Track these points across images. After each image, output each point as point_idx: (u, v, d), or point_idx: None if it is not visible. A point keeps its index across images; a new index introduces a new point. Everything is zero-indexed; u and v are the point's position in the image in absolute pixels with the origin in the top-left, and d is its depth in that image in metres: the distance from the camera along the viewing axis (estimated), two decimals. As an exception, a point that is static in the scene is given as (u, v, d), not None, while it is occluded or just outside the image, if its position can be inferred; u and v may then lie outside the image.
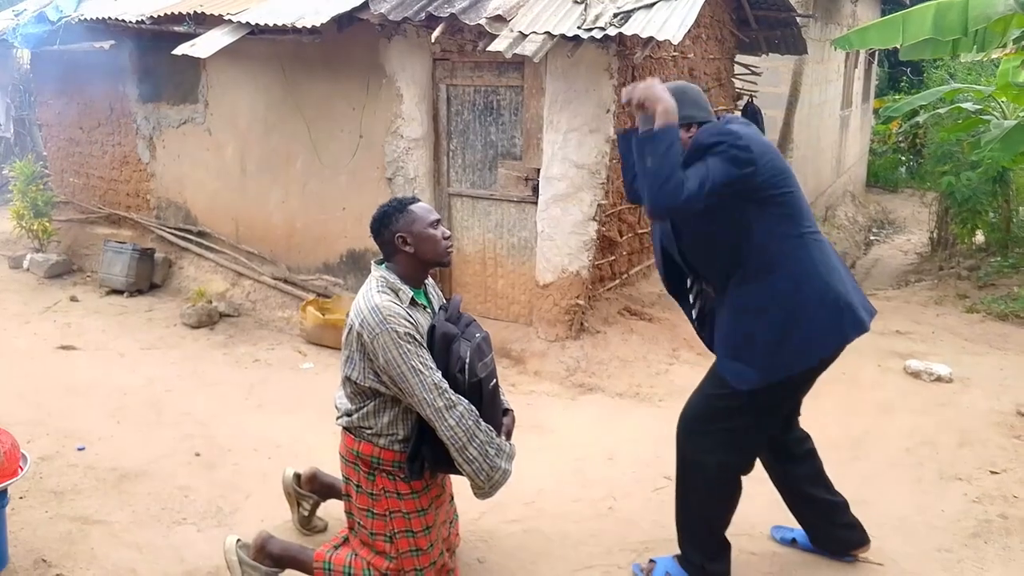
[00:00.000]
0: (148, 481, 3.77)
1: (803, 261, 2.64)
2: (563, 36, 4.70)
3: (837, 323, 2.65)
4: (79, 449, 4.07)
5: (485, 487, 2.66)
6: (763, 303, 2.64)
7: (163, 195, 7.32)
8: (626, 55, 5.06)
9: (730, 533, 3.25)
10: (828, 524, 3.09)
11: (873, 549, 3.20)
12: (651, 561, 3.01)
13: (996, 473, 3.85)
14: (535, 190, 5.37)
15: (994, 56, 9.07)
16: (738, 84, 8.16)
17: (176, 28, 6.09)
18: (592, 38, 4.68)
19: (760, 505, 3.23)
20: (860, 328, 2.68)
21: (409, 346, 2.55)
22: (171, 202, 7.28)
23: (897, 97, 13.50)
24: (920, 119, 9.83)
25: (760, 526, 3.27)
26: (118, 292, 6.88)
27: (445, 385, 2.58)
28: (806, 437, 3.06)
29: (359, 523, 2.79)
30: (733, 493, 2.85)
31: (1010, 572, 3.08)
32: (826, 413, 2.90)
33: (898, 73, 16.80)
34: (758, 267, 2.62)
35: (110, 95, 7.42)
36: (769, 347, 2.63)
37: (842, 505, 3.08)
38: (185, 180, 7.12)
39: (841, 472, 3.74)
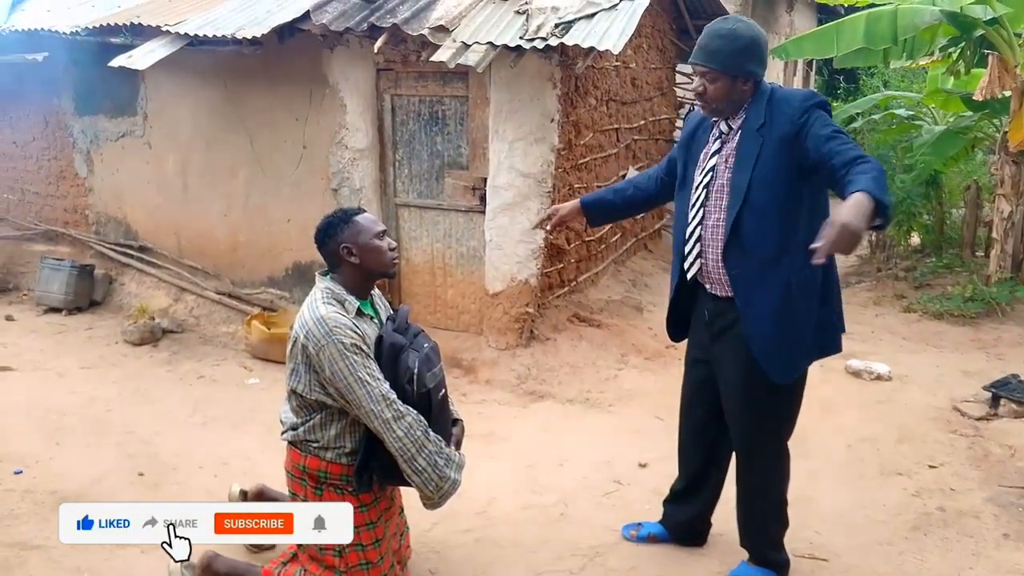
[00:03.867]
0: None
1: None
2: (506, 46, 4.74)
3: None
4: (16, 473, 3.94)
5: (434, 498, 2.66)
6: (811, 279, 2.67)
7: (102, 210, 7.15)
8: (568, 65, 5.12)
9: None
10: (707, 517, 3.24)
11: (817, 544, 3.28)
12: None
13: (934, 467, 3.98)
14: (483, 199, 5.38)
15: (922, 63, 9.37)
16: (680, 93, 8.30)
17: (112, 39, 5.97)
18: (534, 48, 4.72)
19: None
20: None
21: (356, 357, 2.53)
22: (111, 217, 7.12)
23: (835, 104, 13.85)
24: (856, 125, 10.09)
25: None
26: (56, 310, 6.69)
27: (393, 396, 2.56)
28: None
29: (308, 538, 2.76)
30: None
31: (948, 562, 3.17)
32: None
33: (835, 81, 17.24)
34: (807, 241, 2.53)
35: (44, 108, 7.23)
36: (814, 326, 2.72)
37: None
38: (125, 194, 6.97)
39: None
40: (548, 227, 3.27)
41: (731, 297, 2.77)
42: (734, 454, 3.00)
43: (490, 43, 4.74)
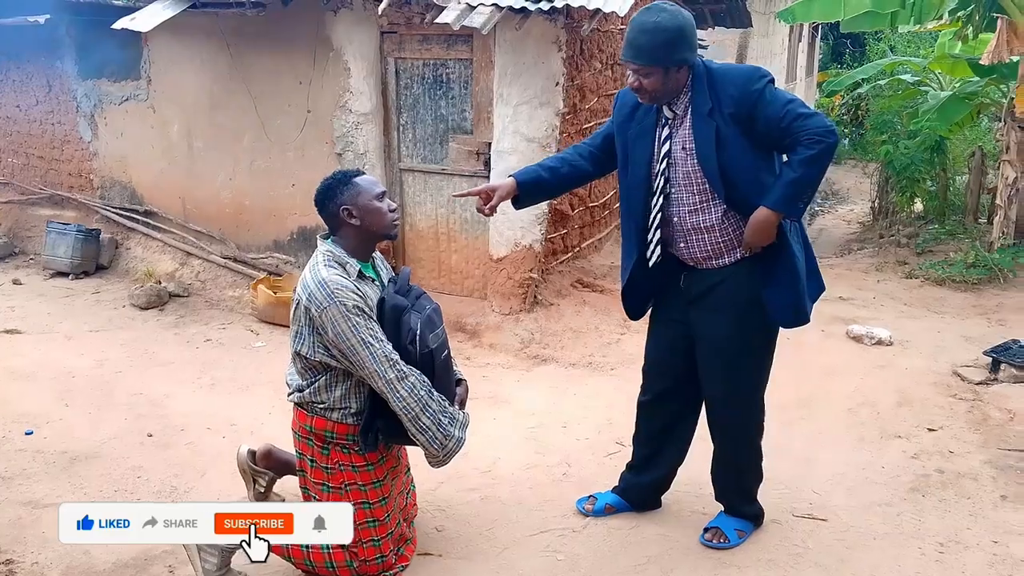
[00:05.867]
0: (100, 463, 3.73)
1: None
2: (511, 8, 4.69)
3: None
4: (27, 433, 4.00)
5: (439, 455, 2.70)
6: (796, 226, 2.78)
7: (107, 174, 7.15)
8: (574, 27, 5.08)
9: (681, 493, 3.35)
10: (666, 484, 3.28)
11: (816, 505, 3.33)
12: (713, 530, 3.08)
13: (933, 430, 4.02)
14: (487, 164, 5.38)
15: (931, 27, 9.28)
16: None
17: (115, 1, 5.93)
18: (540, 10, 4.68)
19: (704, 464, 3.30)
20: None
21: (358, 319, 2.56)
22: (116, 181, 7.12)
23: (840, 71, 13.74)
24: (862, 91, 10.03)
25: (707, 485, 3.35)
26: (63, 274, 6.73)
27: (396, 357, 2.60)
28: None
29: (315, 497, 2.81)
30: None
31: (946, 523, 3.22)
32: (772, 376, 2.98)
33: (841, 46, 17.08)
34: None
35: (47, 71, 7.20)
36: (804, 272, 2.78)
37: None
38: (129, 158, 6.97)
39: (787, 432, 3.89)
40: (487, 211, 2.90)
41: (716, 268, 2.82)
42: (714, 411, 3.02)
43: (495, 4, 4.70)
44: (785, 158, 2.69)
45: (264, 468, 3.27)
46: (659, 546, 3.07)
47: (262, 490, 3.29)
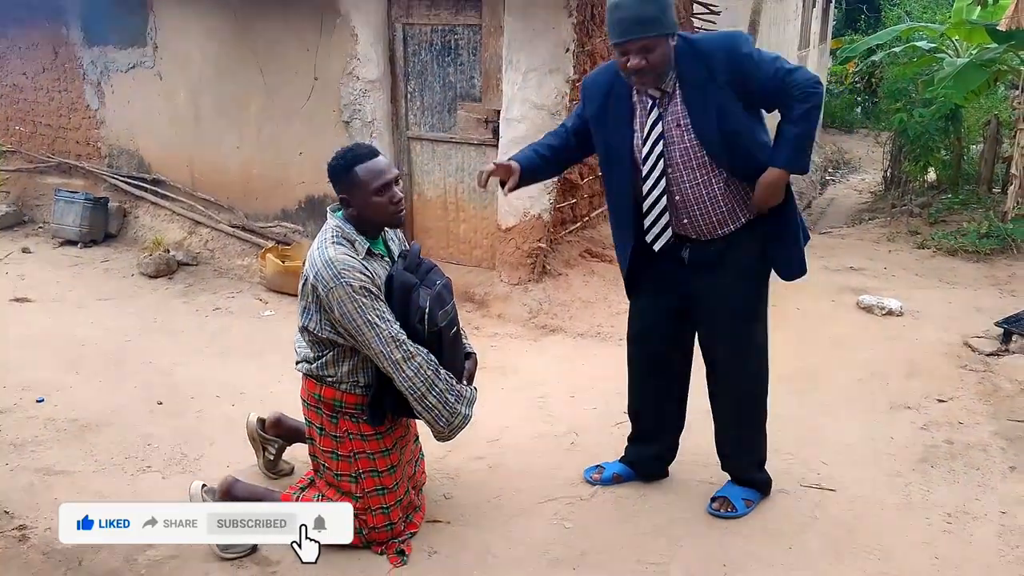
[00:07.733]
0: (110, 431, 3.75)
1: None
2: (520, -27, 4.63)
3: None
4: (38, 401, 4.03)
5: (445, 432, 2.71)
6: (788, 192, 2.78)
7: (114, 143, 7.13)
8: (584, -7, 5.01)
9: (688, 463, 3.36)
10: (670, 453, 3.29)
11: (825, 476, 3.33)
12: (720, 499, 3.08)
13: (943, 401, 4.00)
14: (496, 132, 5.33)
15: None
16: (696, 23, 8.11)
17: (119, -33, 5.87)
18: (549, -25, 4.61)
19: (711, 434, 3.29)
20: None
21: (365, 300, 2.53)
22: (123, 150, 7.10)
23: (854, 37, 13.53)
24: (876, 58, 9.87)
25: (714, 455, 3.35)
26: (72, 243, 6.75)
27: (403, 337, 2.57)
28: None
29: (324, 465, 2.83)
30: None
31: (955, 493, 3.21)
32: (781, 346, 2.97)
33: (855, 12, 16.81)
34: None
35: (53, 39, 7.15)
36: (799, 225, 2.83)
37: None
38: (136, 127, 6.94)
39: (796, 403, 3.88)
40: (506, 191, 2.88)
41: (721, 236, 2.80)
42: (719, 375, 3.01)
43: (504, -30, 4.63)
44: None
45: (273, 436, 3.30)
46: (666, 515, 3.08)
47: (271, 458, 3.32)
